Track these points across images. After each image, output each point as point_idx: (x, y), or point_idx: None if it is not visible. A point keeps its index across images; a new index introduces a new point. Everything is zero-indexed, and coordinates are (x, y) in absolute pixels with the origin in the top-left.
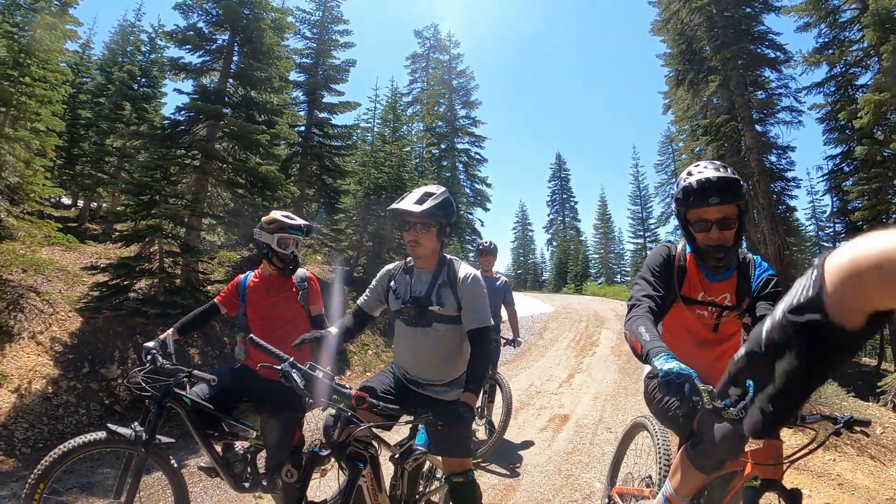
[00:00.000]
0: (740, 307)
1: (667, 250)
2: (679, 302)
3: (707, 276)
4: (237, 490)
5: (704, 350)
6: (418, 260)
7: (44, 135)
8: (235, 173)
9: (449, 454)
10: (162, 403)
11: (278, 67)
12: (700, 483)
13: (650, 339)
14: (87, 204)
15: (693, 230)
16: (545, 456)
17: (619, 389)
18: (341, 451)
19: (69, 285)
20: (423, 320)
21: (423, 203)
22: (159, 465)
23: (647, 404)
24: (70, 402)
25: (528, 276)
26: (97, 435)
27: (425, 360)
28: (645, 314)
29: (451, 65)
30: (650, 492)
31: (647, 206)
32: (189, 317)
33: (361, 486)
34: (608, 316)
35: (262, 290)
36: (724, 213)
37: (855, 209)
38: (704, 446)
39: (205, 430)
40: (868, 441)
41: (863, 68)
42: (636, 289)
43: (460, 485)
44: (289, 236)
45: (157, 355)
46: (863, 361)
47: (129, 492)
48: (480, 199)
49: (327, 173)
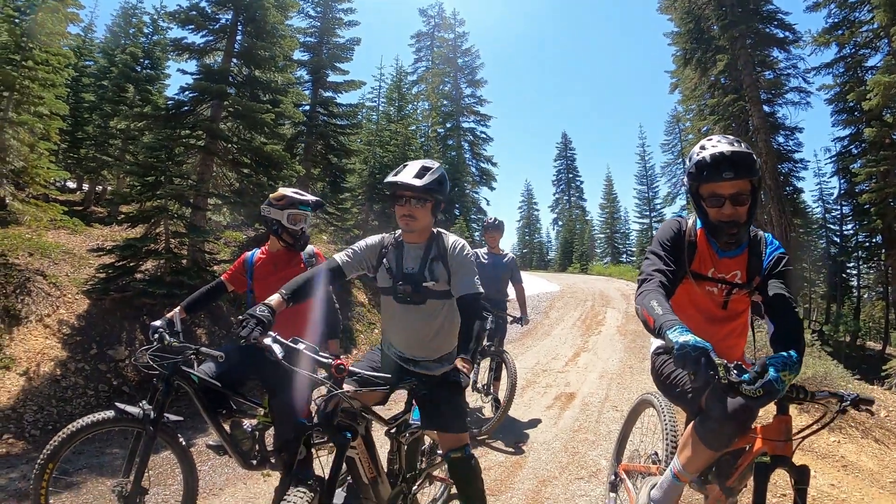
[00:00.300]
0: (750, 285)
1: (677, 224)
2: (689, 278)
3: (718, 252)
4: (245, 468)
5: (713, 327)
6: (410, 234)
7: (47, 118)
8: (240, 153)
9: (442, 429)
10: (170, 381)
11: (282, 46)
12: (708, 459)
13: (663, 312)
14: (93, 187)
15: (705, 205)
16: (551, 433)
17: (625, 368)
18: (328, 423)
19: (76, 268)
20: (418, 297)
21: (423, 177)
22: (168, 443)
23: (655, 380)
24: (78, 383)
25: (533, 256)
26: (106, 414)
27: (420, 338)
28: (656, 288)
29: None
30: (657, 468)
31: (653, 185)
32: (196, 295)
33: (354, 458)
34: (614, 296)
35: (270, 266)
36: (738, 189)
37: (862, 192)
38: (714, 423)
39: (213, 408)
40: (872, 423)
41: (872, 49)
42: (646, 263)
43: (458, 460)
44: (299, 212)
45: (164, 334)
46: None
47: (138, 471)
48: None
49: (332, 152)
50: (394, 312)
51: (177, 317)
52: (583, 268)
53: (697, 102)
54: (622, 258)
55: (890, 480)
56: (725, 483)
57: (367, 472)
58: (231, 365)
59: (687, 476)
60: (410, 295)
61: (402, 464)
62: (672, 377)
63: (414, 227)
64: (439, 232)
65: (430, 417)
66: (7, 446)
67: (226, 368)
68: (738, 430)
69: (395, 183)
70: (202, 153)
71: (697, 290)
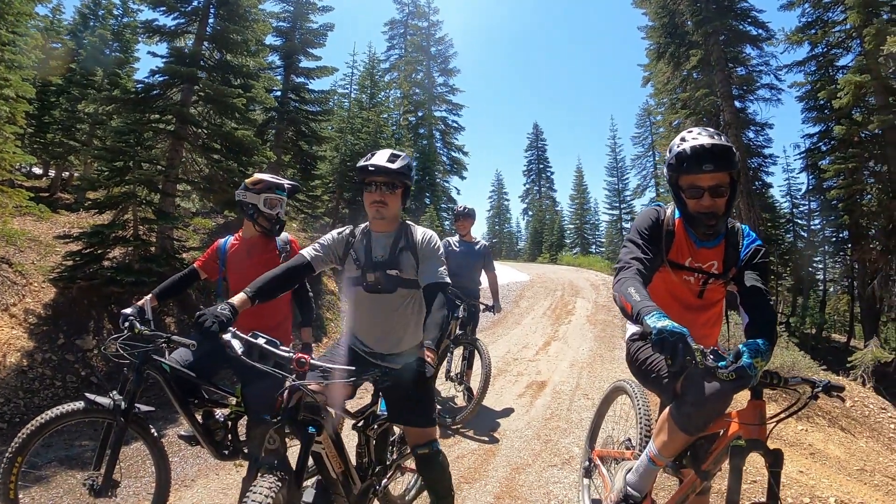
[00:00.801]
0: (726, 276)
1: (656, 213)
2: (666, 266)
3: (695, 242)
4: (218, 458)
5: (688, 315)
6: (380, 222)
7: (13, 101)
8: (211, 138)
9: (409, 423)
10: (140, 371)
11: (255, 30)
12: (684, 443)
13: (641, 298)
14: (59, 173)
15: (684, 196)
16: (524, 421)
17: (595, 357)
18: (291, 419)
19: (42, 255)
20: (388, 285)
21: (394, 162)
22: (139, 434)
23: (630, 366)
24: (46, 374)
25: (503, 245)
26: (75, 405)
27: (387, 329)
28: (634, 276)
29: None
30: (631, 454)
31: (623, 178)
32: (168, 283)
33: (321, 453)
34: (583, 286)
35: (244, 252)
36: (717, 181)
37: (830, 188)
38: (689, 407)
39: (184, 398)
40: (839, 413)
41: (844, 49)
42: (624, 251)
43: (425, 456)
44: (275, 196)
45: (134, 322)
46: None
47: (109, 463)
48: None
49: (303, 139)
50: (361, 303)
51: (147, 305)
52: (552, 258)
53: (669, 96)
54: (591, 249)
55: (856, 468)
56: (700, 467)
57: (336, 466)
58: (203, 354)
59: (662, 460)
60: (381, 282)
61: (371, 457)
62: (648, 362)
63: (385, 213)
64: (408, 223)
65: (396, 411)
66: None
67: (197, 357)
68: (713, 414)
69: (366, 167)
70: (172, 138)
71: (674, 278)
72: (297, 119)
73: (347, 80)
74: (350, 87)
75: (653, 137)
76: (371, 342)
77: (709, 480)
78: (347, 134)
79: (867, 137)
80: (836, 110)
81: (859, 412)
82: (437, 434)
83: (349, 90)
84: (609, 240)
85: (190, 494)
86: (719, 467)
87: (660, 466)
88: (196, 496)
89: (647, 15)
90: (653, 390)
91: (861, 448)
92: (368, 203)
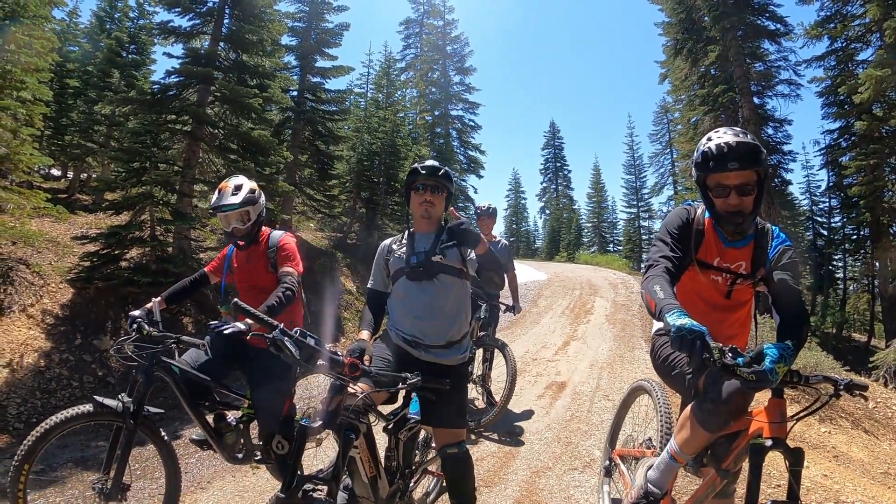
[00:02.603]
0: (754, 276)
1: (686, 213)
2: (694, 266)
3: (724, 241)
4: (230, 462)
5: (716, 314)
6: (426, 222)
7: (31, 103)
8: (227, 138)
9: (442, 424)
10: (149, 373)
11: (270, 30)
12: (705, 441)
13: (664, 296)
14: (77, 174)
15: (712, 195)
16: (543, 423)
17: (615, 357)
18: (332, 422)
19: (60, 256)
20: (430, 272)
21: (441, 168)
22: (149, 436)
23: (653, 361)
24: (63, 374)
25: (520, 244)
26: (83, 408)
27: (430, 316)
28: (661, 274)
29: (445, 30)
30: (651, 453)
31: (641, 175)
32: (177, 286)
33: (355, 457)
34: (601, 284)
35: (244, 259)
36: (743, 179)
37: (851, 185)
38: (710, 405)
39: (195, 400)
40: (861, 415)
41: (864, 44)
42: (653, 250)
43: (454, 456)
44: (224, 215)
45: (143, 324)
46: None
47: (119, 466)
48: (474, 166)
49: (320, 139)
50: (405, 292)
51: (156, 307)
52: (570, 256)
53: (687, 93)
54: (609, 247)
55: (880, 471)
56: (721, 465)
57: (368, 471)
58: (214, 355)
59: (683, 457)
60: (423, 265)
61: (399, 460)
62: (670, 359)
63: (432, 213)
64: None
65: (432, 412)
66: None
67: (208, 358)
68: (734, 412)
69: (417, 169)
70: (188, 138)
71: (702, 278)
72: (314, 119)
73: (364, 79)
74: (366, 86)
75: (670, 135)
76: (415, 330)
77: (730, 479)
78: (364, 133)
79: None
80: (856, 105)
81: (882, 414)
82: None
83: (365, 89)
84: (627, 238)
85: (205, 497)
86: (740, 466)
87: (681, 464)
88: (212, 498)
89: (664, 11)
90: (674, 387)
91: (885, 451)
92: (417, 203)
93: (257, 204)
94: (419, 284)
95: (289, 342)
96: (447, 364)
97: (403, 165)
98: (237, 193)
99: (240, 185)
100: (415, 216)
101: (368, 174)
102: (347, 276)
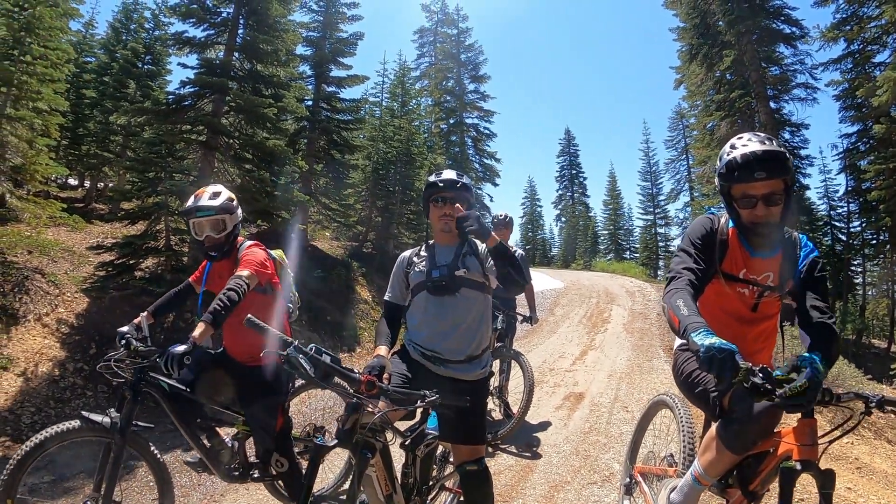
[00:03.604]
0: (782, 288)
1: (709, 222)
2: (719, 277)
3: (750, 252)
4: (226, 480)
5: (742, 327)
6: (447, 235)
7: (47, 114)
8: (242, 148)
9: (461, 441)
10: (137, 388)
11: (284, 40)
12: (730, 463)
13: (689, 313)
14: (94, 184)
15: (737, 206)
16: (562, 436)
17: (634, 367)
18: (348, 440)
19: (75, 266)
20: (452, 286)
21: (461, 179)
22: (139, 452)
23: (675, 378)
24: (77, 384)
25: (536, 252)
26: (71, 424)
27: (451, 330)
28: (685, 287)
29: (459, 39)
30: (674, 471)
31: (657, 182)
32: (163, 298)
33: (371, 475)
34: (618, 293)
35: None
36: (771, 189)
37: (870, 189)
38: (737, 425)
39: (186, 417)
40: (884, 425)
41: (881, 45)
42: (676, 261)
43: (474, 473)
44: (197, 220)
45: (131, 339)
46: (873, 343)
47: (108, 483)
48: (490, 174)
49: (335, 148)
50: (427, 307)
51: (144, 321)
52: (586, 264)
53: (703, 98)
54: (626, 255)
55: None
56: (748, 488)
57: (384, 488)
58: (203, 371)
59: (708, 480)
60: (446, 280)
61: (417, 476)
62: (694, 376)
63: (453, 225)
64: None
65: (450, 428)
66: (4, 449)
67: (198, 375)
68: (762, 432)
69: (436, 183)
70: (203, 148)
71: (728, 290)
72: (329, 128)
73: (378, 88)
74: (381, 95)
75: (686, 140)
76: (434, 343)
77: (757, 502)
78: (379, 142)
79: None
80: (874, 108)
81: None
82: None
83: (380, 98)
84: (644, 245)
85: None
86: (767, 488)
87: (705, 486)
88: None
89: (678, 16)
90: (698, 405)
91: None
92: (437, 217)
93: (234, 214)
94: (441, 299)
95: (303, 359)
96: (467, 379)
97: (419, 174)
98: (215, 199)
99: (218, 192)
100: (435, 229)
101: (384, 183)
102: (363, 286)
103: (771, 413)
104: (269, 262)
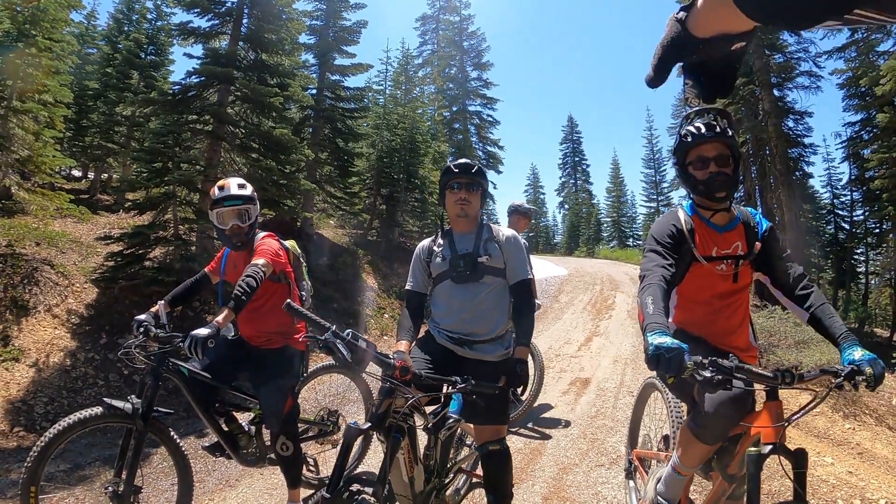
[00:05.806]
0: (752, 253)
1: (671, 218)
2: (698, 262)
3: (717, 229)
4: (243, 464)
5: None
6: (463, 221)
7: (52, 106)
8: (248, 137)
9: (486, 422)
10: (157, 374)
11: (289, 29)
12: (706, 452)
13: (653, 312)
14: (98, 175)
15: (693, 170)
16: (569, 419)
17: (638, 353)
18: (381, 424)
19: (83, 257)
20: (475, 274)
21: (474, 165)
22: (159, 437)
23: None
24: (89, 373)
25: (539, 239)
26: (93, 410)
27: (477, 313)
28: (657, 283)
29: (461, 26)
30: (666, 456)
31: (660, 169)
32: (180, 287)
33: (399, 458)
34: (622, 279)
35: (235, 263)
36: (719, 151)
37: (873, 178)
38: (703, 417)
39: (206, 403)
40: (885, 411)
41: (885, 34)
42: (645, 261)
43: (496, 452)
44: (225, 209)
45: (149, 326)
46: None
47: (130, 468)
48: (493, 161)
49: (340, 136)
50: (451, 295)
51: (162, 310)
52: (589, 251)
53: None
54: (629, 242)
55: None
56: (727, 471)
57: (409, 470)
58: (220, 357)
59: (687, 470)
60: (469, 269)
61: (437, 459)
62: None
63: (468, 210)
64: (488, 223)
65: (475, 410)
66: (18, 439)
67: (215, 360)
68: (729, 423)
69: (451, 168)
70: (210, 138)
71: (709, 270)
72: (333, 116)
73: (382, 76)
74: (384, 83)
75: None
76: (461, 327)
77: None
78: (383, 130)
79: None
80: (878, 97)
81: None
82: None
83: (384, 86)
84: (647, 232)
85: (234, 495)
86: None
87: (685, 476)
88: (240, 496)
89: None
90: (679, 397)
91: None
92: (452, 202)
93: (256, 205)
94: (464, 286)
95: (340, 345)
96: (492, 360)
97: (423, 162)
98: (243, 189)
99: (243, 184)
100: (451, 215)
101: (388, 171)
102: (369, 273)
103: (736, 402)
104: (282, 251)
